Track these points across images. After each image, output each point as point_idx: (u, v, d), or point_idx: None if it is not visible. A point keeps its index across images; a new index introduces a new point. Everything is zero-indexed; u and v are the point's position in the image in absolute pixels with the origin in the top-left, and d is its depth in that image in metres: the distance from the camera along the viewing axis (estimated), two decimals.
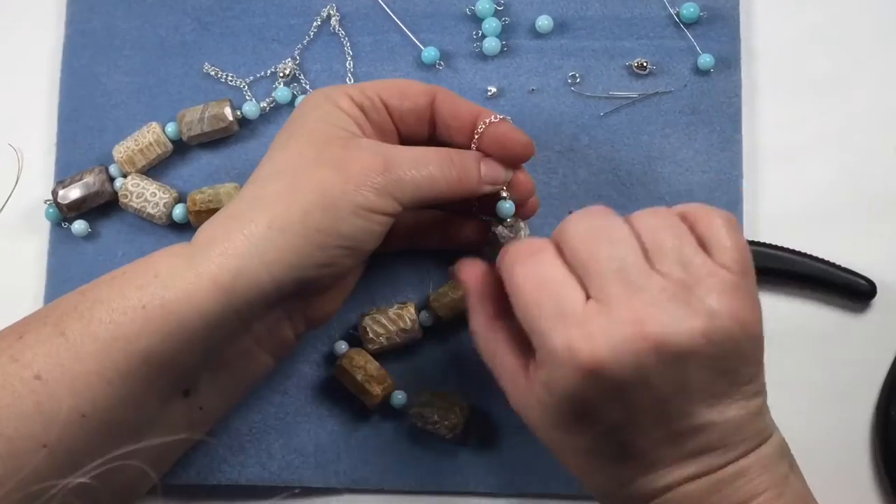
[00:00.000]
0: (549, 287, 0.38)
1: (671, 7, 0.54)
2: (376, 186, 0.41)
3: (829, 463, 0.51)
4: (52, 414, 0.38)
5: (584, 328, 0.36)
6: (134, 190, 0.52)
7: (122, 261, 0.53)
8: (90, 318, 0.39)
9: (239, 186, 0.52)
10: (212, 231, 0.41)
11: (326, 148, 0.42)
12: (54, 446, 0.37)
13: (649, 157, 0.53)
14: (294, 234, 0.40)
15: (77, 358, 0.38)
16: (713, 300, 0.36)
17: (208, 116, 0.52)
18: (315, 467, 0.51)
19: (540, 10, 0.54)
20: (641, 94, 0.54)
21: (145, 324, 0.39)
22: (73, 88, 0.55)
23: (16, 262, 0.54)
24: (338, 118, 0.43)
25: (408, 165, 0.42)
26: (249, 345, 0.43)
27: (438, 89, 0.45)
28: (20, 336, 0.39)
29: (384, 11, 0.55)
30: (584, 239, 0.38)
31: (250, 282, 0.39)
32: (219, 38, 0.55)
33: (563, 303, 0.37)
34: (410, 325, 0.50)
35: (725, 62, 0.53)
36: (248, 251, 0.39)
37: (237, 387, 0.45)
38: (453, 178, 0.43)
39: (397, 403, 0.50)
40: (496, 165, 0.45)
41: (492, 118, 0.45)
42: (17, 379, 0.38)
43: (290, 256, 0.40)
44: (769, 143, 0.54)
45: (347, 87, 0.44)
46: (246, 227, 0.40)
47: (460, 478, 0.50)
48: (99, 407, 0.38)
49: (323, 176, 0.40)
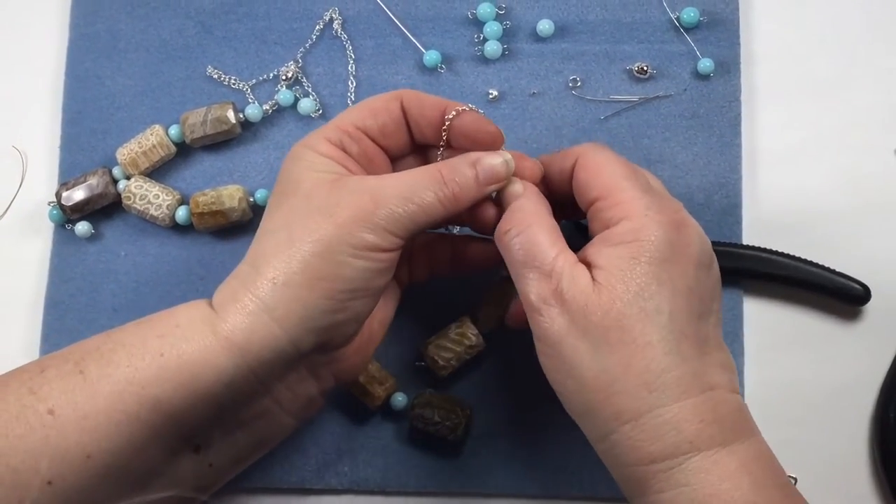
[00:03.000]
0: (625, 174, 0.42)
1: (671, 12, 0.54)
2: (368, 226, 0.40)
3: (827, 466, 0.51)
4: (60, 451, 0.38)
5: (661, 202, 0.41)
6: (137, 192, 0.52)
7: (124, 262, 0.53)
8: (109, 359, 0.39)
9: (242, 188, 0.52)
10: (223, 294, 0.41)
11: (315, 196, 0.41)
12: (57, 483, 0.38)
13: (649, 160, 0.53)
14: (298, 286, 0.39)
15: (90, 397, 0.38)
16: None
17: (211, 119, 0.53)
18: (316, 469, 0.51)
19: (541, 14, 0.55)
20: (642, 98, 0.54)
21: (160, 372, 0.39)
22: (76, 91, 0.55)
23: (20, 263, 0.54)
24: (320, 164, 0.42)
25: (397, 198, 0.41)
26: (269, 405, 0.42)
27: (403, 92, 0.45)
28: (42, 370, 0.40)
29: (386, 15, 0.55)
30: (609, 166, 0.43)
31: (264, 339, 0.39)
32: (222, 42, 0.55)
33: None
34: (476, 339, 0.49)
35: (725, 66, 0.54)
36: (257, 309, 0.39)
37: (252, 447, 0.43)
38: (449, 198, 0.42)
39: (398, 405, 0.51)
40: (492, 163, 0.43)
41: (456, 110, 0.44)
42: (32, 412, 0.38)
43: (299, 309, 0.39)
44: (768, 146, 0.54)
45: (323, 130, 0.44)
46: (251, 287, 0.40)
47: (461, 479, 0.51)
48: (104, 449, 0.38)
49: (315, 224, 0.40)
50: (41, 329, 0.53)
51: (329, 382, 0.44)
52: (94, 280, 0.53)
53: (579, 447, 0.50)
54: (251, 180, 0.54)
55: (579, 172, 0.43)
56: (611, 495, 0.50)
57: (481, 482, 0.51)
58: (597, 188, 0.42)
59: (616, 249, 0.40)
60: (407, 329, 0.52)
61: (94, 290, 0.53)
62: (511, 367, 0.51)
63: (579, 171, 0.43)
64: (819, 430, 0.51)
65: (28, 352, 0.53)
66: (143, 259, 0.53)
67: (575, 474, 0.50)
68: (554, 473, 0.50)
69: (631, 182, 0.42)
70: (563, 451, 0.50)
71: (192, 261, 0.53)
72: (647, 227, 0.40)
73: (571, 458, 0.50)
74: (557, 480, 0.50)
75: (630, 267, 0.39)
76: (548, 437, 0.51)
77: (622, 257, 0.39)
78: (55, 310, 0.53)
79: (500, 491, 0.51)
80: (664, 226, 0.40)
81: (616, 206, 0.41)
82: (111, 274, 0.53)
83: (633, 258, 0.39)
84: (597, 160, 0.43)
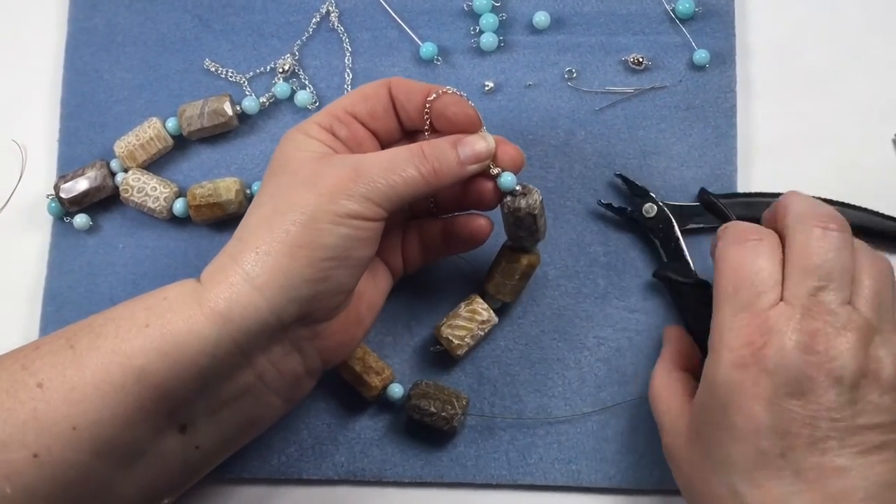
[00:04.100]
0: (753, 276, 0.42)
1: (667, 3, 0.55)
2: (350, 194, 0.41)
3: None
4: (47, 423, 0.38)
5: (763, 321, 0.41)
6: (135, 184, 0.52)
7: (122, 254, 0.53)
8: (99, 332, 0.40)
9: (239, 181, 0.52)
10: (212, 267, 0.42)
11: (300, 171, 0.42)
12: (43, 456, 0.38)
13: (645, 151, 0.53)
14: (279, 254, 0.40)
15: (78, 369, 0.39)
16: (886, 351, 0.40)
17: (208, 112, 0.53)
18: (313, 459, 0.51)
19: (537, 6, 0.55)
20: (637, 90, 0.54)
21: (145, 342, 0.39)
22: (75, 84, 0.55)
23: (19, 255, 0.54)
24: (309, 145, 0.43)
25: (379, 169, 0.42)
26: (253, 382, 0.42)
27: (392, 79, 0.46)
28: (37, 347, 0.41)
29: (382, 7, 0.55)
30: (808, 246, 0.42)
31: (245, 308, 0.40)
32: (219, 35, 0.56)
33: (758, 297, 0.41)
34: (487, 314, 0.50)
35: (720, 58, 0.54)
36: (240, 280, 0.40)
37: (239, 428, 0.44)
38: (429, 172, 0.42)
39: (395, 395, 0.51)
40: (472, 144, 0.44)
41: (437, 92, 0.44)
42: (22, 385, 0.39)
43: (280, 277, 0.40)
44: (764, 137, 0.54)
45: (315, 116, 0.45)
46: (237, 258, 0.41)
47: (458, 469, 0.51)
48: (90, 420, 0.39)
49: (298, 195, 0.41)
50: (40, 321, 0.53)
51: (315, 361, 0.44)
52: (92, 272, 0.53)
53: (576, 438, 0.51)
54: (248, 172, 0.54)
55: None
56: (607, 485, 0.50)
57: (478, 472, 0.51)
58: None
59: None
60: (416, 320, 0.52)
61: (93, 282, 0.53)
62: (508, 357, 0.52)
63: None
64: None
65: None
66: (141, 251, 0.54)
67: (572, 464, 0.50)
68: (551, 464, 0.50)
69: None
70: (559, 442, 0.51)
71: (189, 253, 0.53)
72: (721, 360, 0.42)
73: (568, 449, 0.51)
74: (554, 471, 0.50)
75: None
76: (544, 428, 0.51)
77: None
78: (54, 301, 0.53)
79: (497, 481, 0.51)
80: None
81: (716, 314, 0.43)
82: (109, 266, 0.53)
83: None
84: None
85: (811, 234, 0.42)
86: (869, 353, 0.40)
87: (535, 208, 0.45)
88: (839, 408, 0.39)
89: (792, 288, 0.41)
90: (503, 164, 0.45)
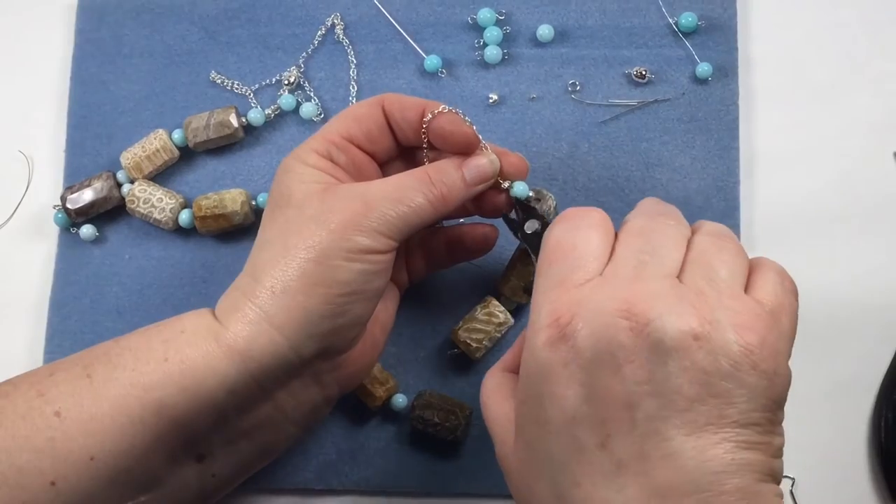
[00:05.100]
0: (570, 251, 0.37)
1: (670, 16, 0.55)
2: (361, 229, 0.41)
3: (825, 466, 0.51)
4: (64, 452, 0.38)
5: (573, 295, 0.35)
6: (141, 195, 0.53)
7: (128, 265, 0.54)
8: (116, 363, 0.40)
9: (244, 192, 0.53)
10: (225, 304, 0.42)
11: (307, 206, 0.42)
12: (60, 484, 0.38)
13: (648, 163, 0.53)
14: (296, 293, 0.40)
15: (96, 400, 0.39)
16: (723, 314, 0.34)
17: (214, 123, 0.53)
18: (317, 470, 0.51)
19: (541, 19, 0.55)
20: (640, 102, 0.54)
21: (164, 377, 0.39)
22: (81, 96, 0.56)
23: (25, 266, 0.55)
24: (310, 175, 0.43)
25: (388, 200, 0.41)
26: (272, 414, 0.42)
27: (385, 96, 0.45)
28: (52, 373, 0.41)
29: (387, 20, 0.56)
30: (638, 227, 0.37)
31: (265, 347, 0.40)
32: (225, 47, 0.56)
33: (573, 270, 0.36)
34: (504, 316, 0.50)
35: (723, 70, 0.54)
36: (257, 318, 0.40)
37: (256, 457, 0.44)
38: (437, 198, 0.42)
39: (399, 406, 0.51)
40: (478, 164, 0.44)
41: (433, 112, 0.44)
42: (39, 413, 0.39)
43: (299, 315, 0.40)
44: (766, 150, 0.54)
45: (310, 142, 0.44)
46: (251, 296, 0.41)
47: (462, 480, 0.51)
48: (107, 451, 0.39)
49: (309, 232, 0.41)
50: (46, 331, 0.53)
51: (333, 390, 0.44)
52: (98, 283, 0.54)
53: None
54: (254, 184, 0.54)
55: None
56: None
57: (481, 483, 0.51)
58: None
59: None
60: (420, 329, 0.52)
61: (99, 293, 0.53)
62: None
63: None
64: (817, 430, 0.51)
65: (32, 354, 0.53)
66: (147, 262, 0.54)
67: None
68: None
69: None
70: None
71: (195, 264, 0.54)
72: (533, 342, 0.37)
73: None
74: None
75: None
76: None
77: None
78: (60, 312, 0.53)
79: (502, 492, 0.51)
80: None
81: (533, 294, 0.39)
82: (115, 276, 0.54)
83: None
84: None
85: (642, 219, 0.38)
86: (703, 316, 0.33)
87: (550, 214, 0.46)
88: (662, 379, 0.33)
89: (612, 264, 0.36)
90: (508, 174, 0.45)
